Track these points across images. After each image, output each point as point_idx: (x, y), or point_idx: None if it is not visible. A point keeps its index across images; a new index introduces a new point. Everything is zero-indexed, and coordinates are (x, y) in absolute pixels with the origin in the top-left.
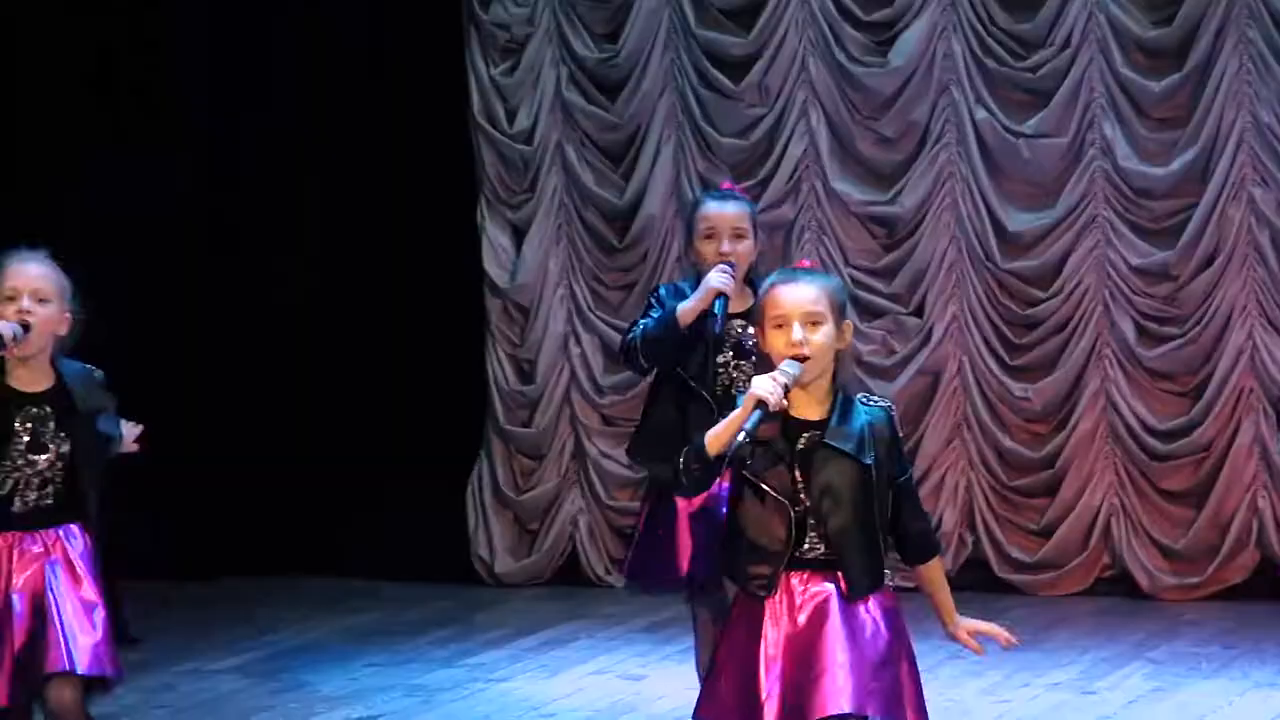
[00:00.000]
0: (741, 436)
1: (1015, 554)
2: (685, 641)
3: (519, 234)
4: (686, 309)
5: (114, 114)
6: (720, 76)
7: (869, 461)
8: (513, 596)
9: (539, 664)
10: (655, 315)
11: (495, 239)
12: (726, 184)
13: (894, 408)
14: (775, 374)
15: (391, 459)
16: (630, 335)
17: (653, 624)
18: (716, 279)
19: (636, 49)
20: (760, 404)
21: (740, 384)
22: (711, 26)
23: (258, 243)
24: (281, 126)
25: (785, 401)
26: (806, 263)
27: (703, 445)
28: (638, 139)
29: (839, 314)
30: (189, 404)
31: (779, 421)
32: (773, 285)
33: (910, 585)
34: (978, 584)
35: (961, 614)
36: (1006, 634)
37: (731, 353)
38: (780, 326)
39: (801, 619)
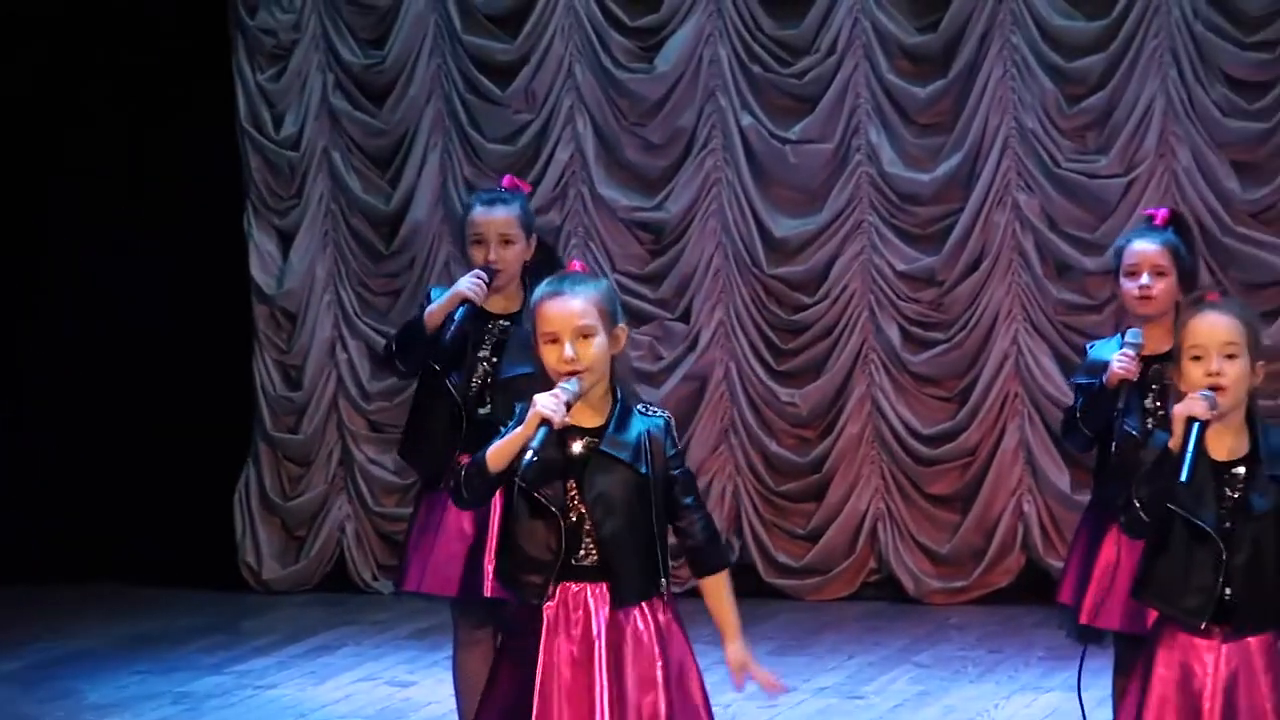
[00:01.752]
0: (529, 456)
1: (782, 559)
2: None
3: (286, 240)
4: (432, 312)
5: None
6: (487, 82)
7: (645, 471)
8: (280, 603)
9: (307, 671)
10: None
11: (262, 245)
12: (507, 179)
13: (670, 418)
14: (556, 391)
15: (157, 465)
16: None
17: (420, 630)
18: (464, 284)
19: (403, 55)
20: (545, 422)
21: (484, 375)
22: (478, 32)
23: (20, 247)
24: (41, 130)
25: (568, 419)
26: (578, 265)
27: (484, 461)
28: (404, 145)
29: (610, 321)
30: None
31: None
32: (541, 299)
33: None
34: (745, 589)
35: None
36: (775, 683)
37: (489, 350)
38: (554, 342)
39: (576, 632)
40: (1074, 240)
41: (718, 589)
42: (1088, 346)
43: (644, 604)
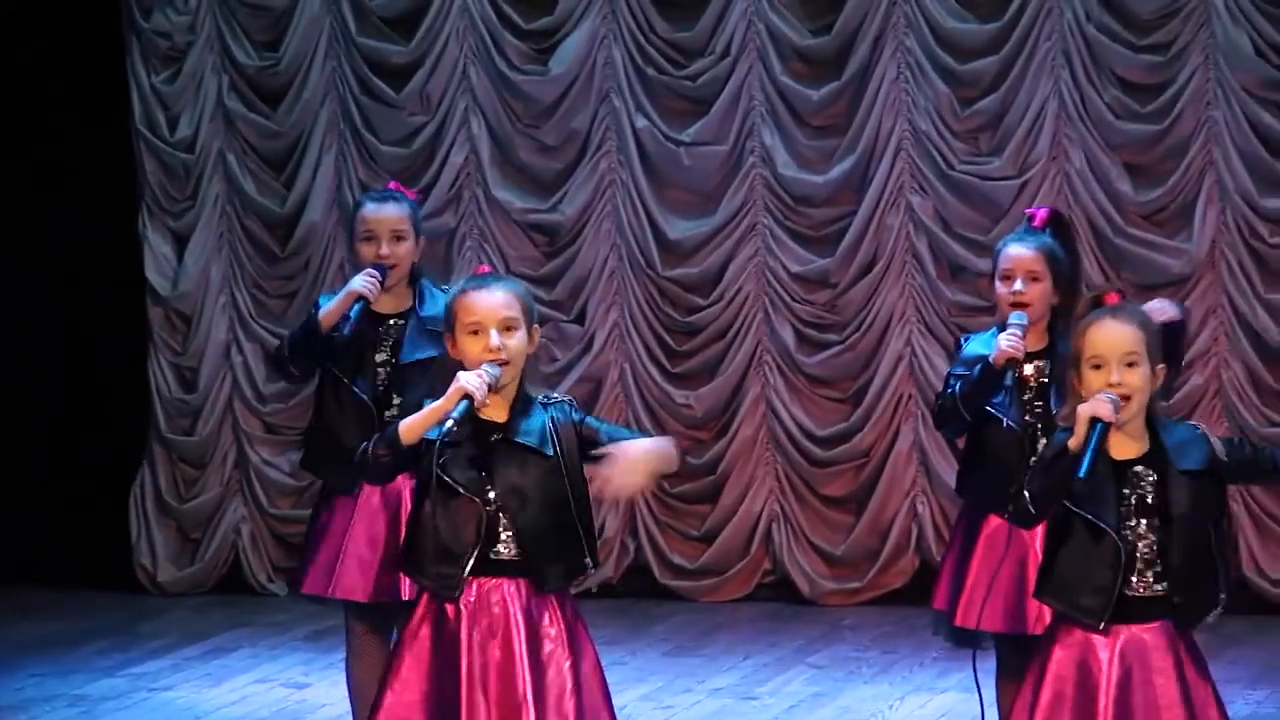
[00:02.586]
0: (448, 424)
1: (677, 560)
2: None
3: (181, 242)
4: (327, 312)
5: None
6: (381, 85)
7: (551, 453)
8: (176, 605)
9: (202, 673)
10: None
11: (157, 247)
12: (393, 185)
13: (572, 399)
14: (481, 371)
15: (52, 467)
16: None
17: (316, 632)
18: (357, 282)
19: (298, 57)
20: (467, 397)
21: (396, 382)
22: (373, 35)
23: None
24: None
25: (488, 400)
26: (486, 268)
27: (396, 434)
28: (299, 147)
29: (529, 318)
30: None
31: (469, 424)
32: (465, 291)
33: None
34: (639, 590)
35: (619, 624)
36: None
37: (387, 352)
38: (476, 333)
39: (496, 631)
40: (967, 242)
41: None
42: (963, 339)
43: (554, 605)
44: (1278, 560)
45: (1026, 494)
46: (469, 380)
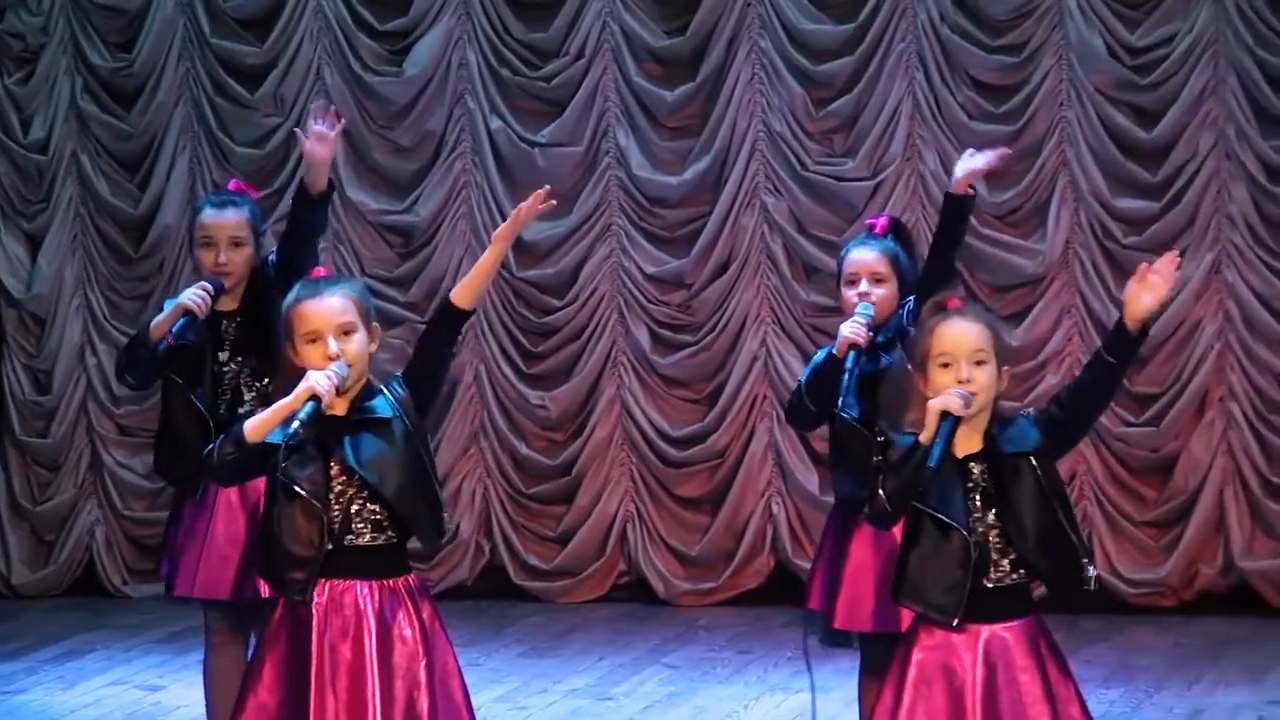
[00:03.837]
0: (295, 425)
1: (532, 561)
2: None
3: (34, 244)
4: (157, 324)
5: None
6: (236, 86)
7: (401, 424)
8: (29, 608)
9: (56, 675)
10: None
11: (10, 249)
12: (234, 183)
13: (400, 374)
14: (329, 371)
15: None
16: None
17: (171, 634)
18: (187, 296)
19: (151, 58)
20: (314, 397)
21: (244, 378)
22: (227, 36)
23: None
24: None
25: (333, 401)
26: (322, 270)
27: (241, 432)
28: (153, 149)
29: (367, 318)
30: None
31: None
32: (299, 300)
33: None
34: (495, 591)
35: (474, 624)
36: None
37: (229, 352)
38: (314, 341)
39: (348, 631)
40: (821, 243)
41: None
42: (817, 351)
43: (409, 606)
44: (1132, 560)
45: (881, 493)
46: (318, 380)
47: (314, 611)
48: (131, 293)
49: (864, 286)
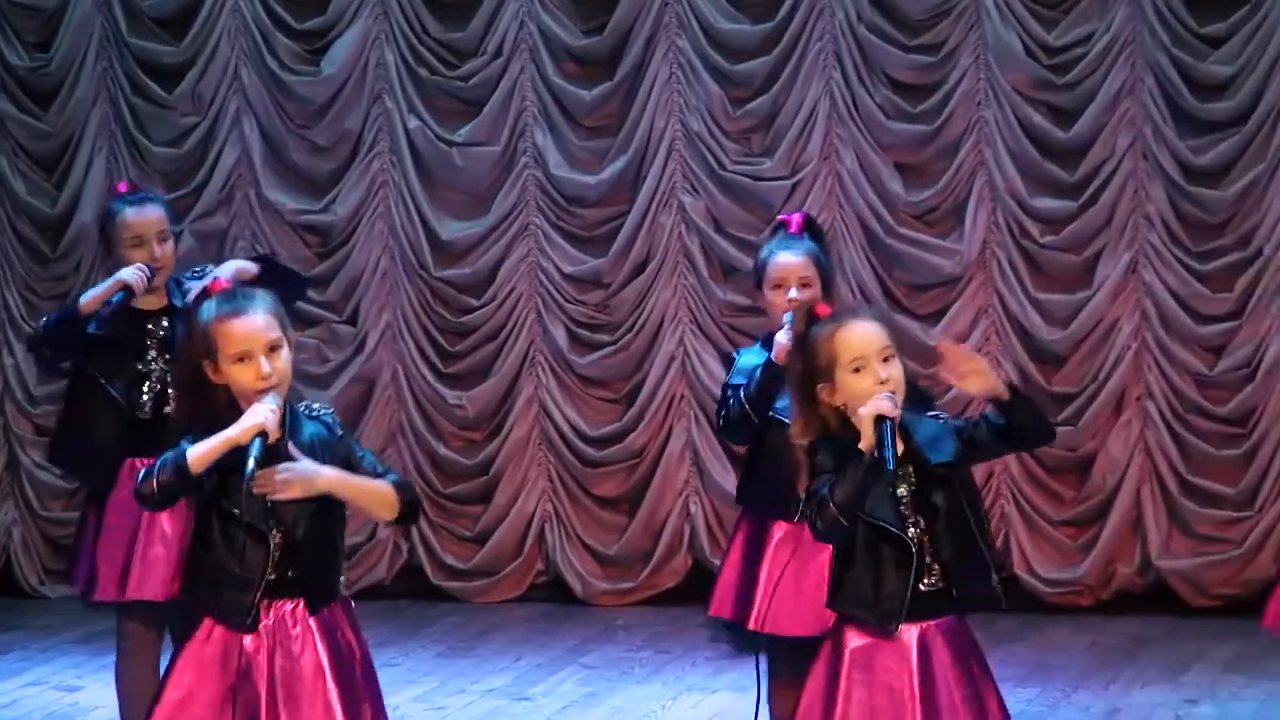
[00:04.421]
0: (251, 467)
1: (450, 561)
2: None
3: None
4: (91, 297)
5: None
6: (153, 85)
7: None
8: None
9: None
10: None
11: None
12: (124, 185)
13: (333, 410)
14: (270, 405)
15: None
16: None
17: (89, 635)
18: (129, 274)
19: (68, 57)
20: (262, 433)
21: (171, 378)
22: (144, 35)
23: None
24: None
25: (279, 432)
26: (224, 283)
27: (185, 463)
28: (70, 148)
29: (286, 329)
30: None
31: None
32: (220, 319)
33: None
34: (412, 591)
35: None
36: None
37: (156, 350)
38: (244, 360)
39: (295, 650)
40: (739, 242)
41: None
42: (735, 353)
43: (341, 611)
44: (1049, 559)
45: (833, 505)
46: (265, 415)
47: (261, 634)
48: (49, 293)
49: (794, 293)
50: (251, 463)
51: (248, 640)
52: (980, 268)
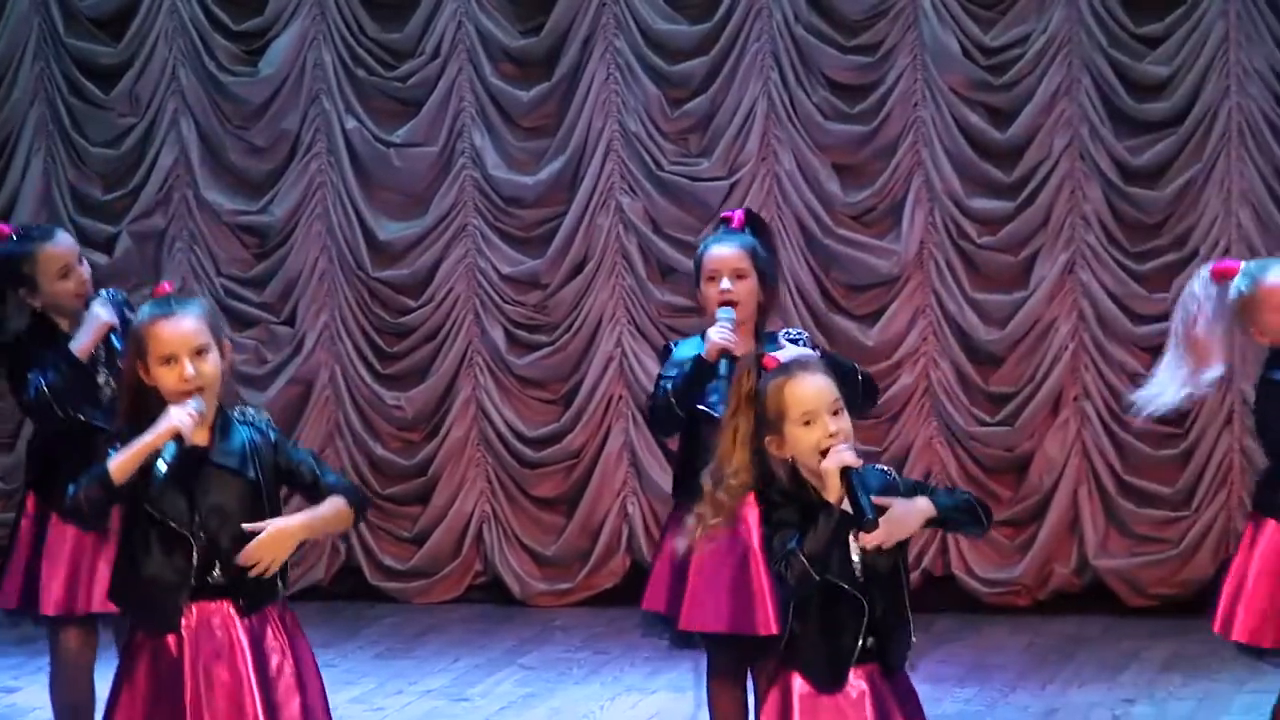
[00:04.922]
0: (162, 469)
1: (388, 562)
2: None
3: None
4: (83, 347)
5: None
6: (90, 86)
7: (254, 476)
8: None
9: None
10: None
11: None
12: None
13: (268, 416)
14: (188, 408)
15: None
16: None
17: (25, 636)
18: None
19: (5, 58)
20: (177, 436)
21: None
22: (82, 35)
23: None
24: None
25: (194, 436)
26: (168, 286)
27: (107, 474)
28: (7, 149)
29: (219, 336)
30: None
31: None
32: (153, 320)
33: None
34: (351, 592)
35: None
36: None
37: (106, 374)
38: (169, 362)
39: (221, 653)
40: (677, 243)
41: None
42: (672, 344)
43: (274, 616)
44: (987, 560)
45: (803, 558)
46: (180, 418)
47: (183, 636)
48: None
49: (725, 284)
50: (161, 465)
51: (171, 642)
52: (918, 268)
